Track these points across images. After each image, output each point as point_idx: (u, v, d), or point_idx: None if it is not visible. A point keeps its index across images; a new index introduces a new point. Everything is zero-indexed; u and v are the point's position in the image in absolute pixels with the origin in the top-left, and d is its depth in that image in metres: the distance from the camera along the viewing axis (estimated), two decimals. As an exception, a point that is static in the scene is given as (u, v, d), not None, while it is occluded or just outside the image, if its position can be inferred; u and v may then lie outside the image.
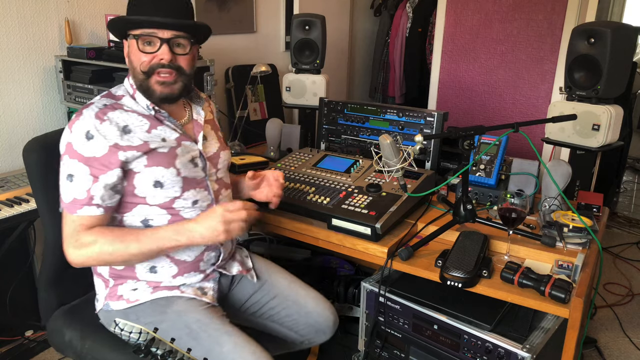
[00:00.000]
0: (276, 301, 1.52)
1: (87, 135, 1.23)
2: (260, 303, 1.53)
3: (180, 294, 1.37)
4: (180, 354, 1.32)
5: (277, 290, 1.53)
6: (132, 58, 1.30)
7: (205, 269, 1.42)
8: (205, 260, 1.41)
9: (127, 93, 1.34)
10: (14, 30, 2.19)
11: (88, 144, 1.23)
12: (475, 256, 1.38)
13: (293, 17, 2.62)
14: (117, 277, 1.37)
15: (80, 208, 1.23)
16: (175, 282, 1.37)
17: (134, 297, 1.35)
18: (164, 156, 1.30)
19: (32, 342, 2.20)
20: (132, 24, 1.28)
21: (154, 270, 1.35)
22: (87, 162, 1.23)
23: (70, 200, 1.23)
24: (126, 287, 1.36)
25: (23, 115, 2.29)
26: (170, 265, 1.36)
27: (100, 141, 1.23)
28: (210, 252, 1.41)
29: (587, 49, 1.90)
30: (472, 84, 3.45)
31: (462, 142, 1.48)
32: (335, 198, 1.62)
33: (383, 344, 1.63)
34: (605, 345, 2.31)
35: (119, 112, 1.28)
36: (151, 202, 1.31)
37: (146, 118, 1.32)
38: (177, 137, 1.34)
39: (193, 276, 1.39)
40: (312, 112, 2.67)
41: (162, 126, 1.33)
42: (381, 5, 4.56)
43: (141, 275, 1.36)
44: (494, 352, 1.36)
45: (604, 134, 1.90)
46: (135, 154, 1.26)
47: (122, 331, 1.35)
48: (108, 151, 1.23)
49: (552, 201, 1.64)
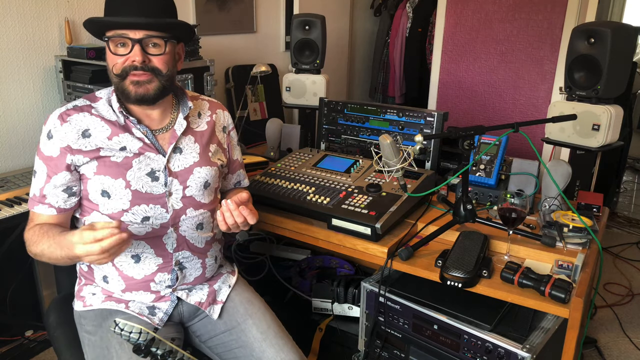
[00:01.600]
0: (240, 352, 1.38)
1: (49, 134, 1.25)
2: (225, 346, 1.40)
3: (125, 309, 1.33)
4: (180, 354, 1.32)
5: (245, 341, 1.37)
6: (107, 60, 1.25)
7: (159, 290, 1.35)
8: (157, 282, 1.34)
9: (107, 96, 1.32)
10: (14, 30, 2.19)
11: (48, 143, 1.25)
12: (475, 256, 1.38)
13: (293, 17, 2.62)
14: (83, 277, 1.39)
15: (36, 205, 1.28)
16: (125, 297, 1.35)
17: (89, 301, 1.35)
18: (115, 166, 1.25)
19: (32, 342, 2.20)
20: (104, 26, 1.22)
21: (105, 279, 1.35)
22: (45, 160, 1.26)
23: (31, 195, 1.29)
24: (88, 290, 1.37)
25: (23, 115, 2.29)
26: (119, 279, 1.33)
27: (55, 142, 1.24)
28: (163, 273, 1.33)
29: (587, 49, 1.90)
30: (472, 84, 3.45)
31: (462, 142, 1.48)
32: (335, 198, 1.62)
33: (383, 344, 1.63)
34: (605, 345, 2.31)
35: (84, 114, 1.27)
36: (102, 210, 1.28)
37: (110, 124, 1.27)
38: (140, 146, 1.28)
39: (143, 294, 1.34)
40: (312, 112, 2.67)
41: (126, 134, 1.27)
42: (381, 5, 4.56)
43: (98, 281, 1.36)
44: (494, 352, 1.36)
45: (604, 134, 1.90)
46: (82, 159, 1.25)
47: (122, 331, 1.35)
48: (60, 153, 1.24)
49: (552, 201, 1.64)
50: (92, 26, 1.25)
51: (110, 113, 1.29)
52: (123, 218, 1.28)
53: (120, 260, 1.31)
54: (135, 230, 1.29)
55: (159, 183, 1.29)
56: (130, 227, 1.28)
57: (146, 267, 1.32)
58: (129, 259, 1.31)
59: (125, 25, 1.20)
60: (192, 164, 1.35)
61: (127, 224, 1.29)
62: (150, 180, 1.28)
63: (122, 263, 1.31)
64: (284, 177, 1.77)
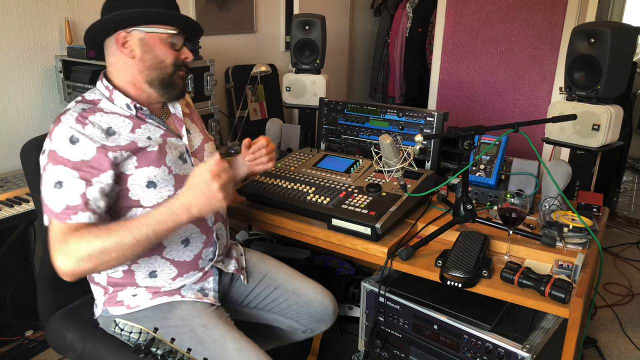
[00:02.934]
0: (277, 293, 1.54)
1: (72, 139, 1.16)
2: (261, 296, 1.55)
3: (181, 298, 1.36)
4: (180, 354, 1.32)
5: (277, 282, 1.55)
6: (158, 51, 1.26)
7: (204, 267, 1.42)
8: (203, 258, 1.40)
9: (103, 96, 1.29)
10: (14, 30, 2.19)
11: (74, 147, 1.16)
12: (475, 256, 1.38)
13: (293, 17, 2.62)
14: (116, 285, 1.35)
15: (74, 214, 1.14)
16: (175, 285, 1.36)
17: (134, 302, 1.34)
18: (155, 155, 1.27)
19: (32, 342, 2.20)
20: (165, 18, 1.26)
21: (153, 275, 1.34)
22: (75, 166, 1.15)
23: (63, 207, 1.14)
24: (126, 293, 1.35)
25: (23, 115, 2.29)
26: (170, 268, 1.35)
27: (86, 143, 1.17)
28: (208, 248, 1.41)
29: (587, 49, 1.90)
30: (472, 84, 3.45)
31: (462, 142, 1.48)
32: (335, 198, 1.62)
33: (383, 344, 1.63)
34: (605, 345, 2.31)
35: (100, 114, 1.23)
36: (145, 204, 1.27)
37: (128, 118, 1.27)
38: (162, 133, 1.32)
39: (192, 275, 1.39)
40: (312, 112, 2.67)
41: (145, 124, 1.29)
42: (381, 5, 4.56)
43: (140, 281, 1.34)
44: (494, 352, 1.36)
45: (604, 134, 1.90)
46: (124, 154, 1.21)
47: (122, 331, 1.35)
48: (97, 153, 1.17)
49: (552, 201, 1.64)
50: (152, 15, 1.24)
51: (119, 109, 1.28)
52: None
53: (171, 250, 1.33)
54: None
55: (188, 164, 1.36)
56: None
57: (194, 247, 1.37)
58: (179, 245, 1.34)
59: (187, 25, 1.30)
60: (201, 141, 1.45)
61: None
62: (182, 163, 1.34)
63: (173, 252, 1.34)
64: (284, 177, 1.77)
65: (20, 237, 2.04)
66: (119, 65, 1.28)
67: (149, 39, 1.25)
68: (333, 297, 1.60)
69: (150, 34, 1.25)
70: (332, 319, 1.59)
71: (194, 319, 1.32)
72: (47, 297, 1.49)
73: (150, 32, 1.25)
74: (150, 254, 1.31)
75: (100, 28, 1.25)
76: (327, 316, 1.57)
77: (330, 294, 1.59)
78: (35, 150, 1.37)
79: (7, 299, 2.10)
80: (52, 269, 1.43)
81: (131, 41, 1.25)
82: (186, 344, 1.27)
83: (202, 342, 1.28)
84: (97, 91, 1.31)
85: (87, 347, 1.38)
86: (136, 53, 1.25)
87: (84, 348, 1.38)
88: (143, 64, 1.26)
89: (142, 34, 1.25)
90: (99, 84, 1.31)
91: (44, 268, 1.46)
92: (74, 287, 1.52)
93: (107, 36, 1.27)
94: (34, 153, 1.36)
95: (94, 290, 1.41)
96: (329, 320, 1.58)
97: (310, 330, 1.59)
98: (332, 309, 1.57)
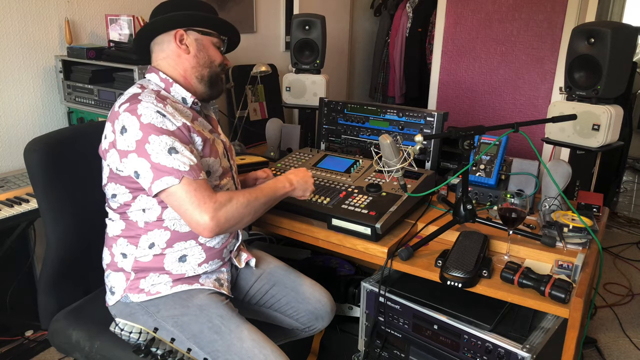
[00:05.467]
0: (276, 289, 1.58)
1: (160, 114, 1.25)
2: (261, 292, 1.57)
3: (201, 287, 1.40)
4: (180, 354, 1.32)
5: (275, 278, 1.59)
6: (210, 52, 1.42)
7: (225, 257, 1.48)
8: (227, 248, 1.47)
9: (160, 88, 1.37)
10: (14, 30, 2.19)
11: (166, 120, 1.25)
12: (475, 256, 1.38)
13: (293, 17, 2.62)
14: (141, 271, 1.37)
15: (201, 172, 1.25)
16: (199, 270, 1.40)
17: (154, 290, 1.37)
18: (214, 146, 1.38)
19: (32, 342, 2.20)
20: (224, 26, 1.44)
21: (183, 259, 1.38)
22: (175, 134, 1.24)
23: (189, 167, 1.22)
24: (148, 281, 1.38)
25: (23, 115, 2.29)
26: (201, 253, 1.40)
27: (172, 119, 1.26)
28: (232, 239, 1.48)
29: (587, 49, 1.90)
30: (472, 84, 3.45)
31: (462, 142, 1.48)
32: (335, 198, 1.62)
33: (383, 344, 1.63)
34: (605, 345, 2.31)
35: (169, 100, 1.33)
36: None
37: (188, 110, 1.38)
38: (210, 129, 1.43)
39: (215, 264, 1.44)
40: (312, 112, 2.67)
41: (199, 119, 1.40)
42: (381, 5, 4.57)
43: (168, 265, 1.37)
44: (494, 352, 1.36)
45: (604, 134, 1.90)
46: (197, 139, 1.31)
47: (122, 331, 1.35)
48: (182, 126, 1.27)
49: (552, 201, 1.64)
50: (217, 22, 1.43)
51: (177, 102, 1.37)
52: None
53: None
54: None
55: (226, 159, 1.46)
56: None
57: (225, 236, 1.44)
58: None
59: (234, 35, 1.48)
60: (229, 142, 1.55)
61: None
62: (224, 157, 1.44)
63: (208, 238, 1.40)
64: (284, 177, 1.77)
65: (20, 237, 2.04)
66: (171, 60, 1.39)
67: (204, 40, 1.41)
68: (330, 295, 1.62)
69: (205, 36, 1.41)
70: (330, 316, 1.61)
71: (212, 309, 1.35)
72: (48, 299, 1.48)
73: (205, 35, 1.41)
74: (187, 238, 1.37)
75: (166, 24, 1.37)
76: (324, 313, 1.59)
77: (327, 292, 1.62)
78: (38, 150, 1.37)
79: (7, 299, 2.10)
80: (54, 269, 1.45)
81: (188, 39, 1.39)
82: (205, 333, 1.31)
83: (220, 331, 1.31)
84: (152, 82, 1.38)
85: (95, 345, 1.38)
86: (191, 50, 1.39)
87: (91, 346, 1.38)
88: (197, 60, 1.40)
89: (197, 35, 1.40)
90: (154, 76, 1.39)
91: (45, 268, 1.46)
92: (75, 287, 1.54)
93: (164, 32, 1.38)
94: (38, 153, 1.37)
95: (112, 278, 1.41)
96: (327, 318, 1.60)
97: (309, 328, 1.61)
98: (329, 306, 1.60)
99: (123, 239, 1.38)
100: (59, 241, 1.43)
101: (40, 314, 1.50)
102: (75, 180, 1.46)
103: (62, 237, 1.44)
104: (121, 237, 1.38)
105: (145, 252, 1.36)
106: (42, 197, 1.40)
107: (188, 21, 1.38)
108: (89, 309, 1.48)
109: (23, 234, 2.07)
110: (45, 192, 1.40)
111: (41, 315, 1.50)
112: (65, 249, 1.45)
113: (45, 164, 1.38)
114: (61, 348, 1.46)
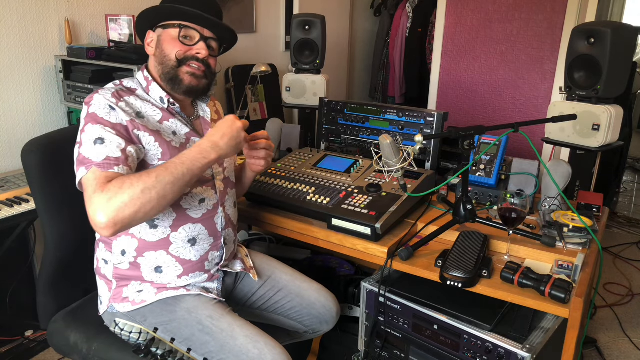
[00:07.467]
0: (280, 295, 1.56)
1: (110, 107, 1.22)
2: (264, 298, 1.56)
3: (187, 292, 1.37)
4: (180, 354, 1.32)
5: (281, 284, 1.57)
6: (165, 46, 1.32)
7: (210, 269, 1.43)
8: (209, 260, 1.41)
9: (140, 86, 1.35)
10: (14, 30, 2.19)
11: (112, 113, 1.21)
12: (475, 256, 1.38)
13: (293, 17, 2.62)
14: (121, 279, 1.36)
15: (116, 165, 1.15)
16: (181, 283, 1.37)
17: (139, 298, 1.35)
18: (175, 150, 1.29)
19: (32, 342, 2.20)
20: (181, 14, 1.30)
21: (159, 270, 1.35)
22: (113, 127, 1.19)
23: (103, 158, 1.14)
24: (131, 289, 1.35)
25: (23, 115, 2.29)
26: (176, 265, 1.35)
27: (120, 114, 1.22)
28: (214, 252, 1.42)
29: (587, 49, 1.90)
30: (472, 83, 3.45)
31: (462, 142, 1.48)
32: (335, 198, 1.62)
33: (383, 344, 1.63)
34: (605, 345, 2.31)
35: (134, 98, 1.30)
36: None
37: (159, 109, 1.33)
38: (187, 132, 1.35)
39: (198, 276, 1.40)
40: (312, 112, 2.67)
41: (173, 119, 1.34)
42: (381, 5, 4.57)
43: (146, 275, 1.35)
44: (494, 352, 1.36)
45: (604, 134, 1.90)
46: (145, 135, 1.25)
47: (122, 331, 1.35)
48: (126, 125, 1.22)
49: (552, 201, 1.64)
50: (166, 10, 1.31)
51: (152, 100, 1.34)
52: (183, 202, 1.33)
53: (177, 247, 1.34)
54: (194, 213, 1.35)
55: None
56: (189, 211, 1.34)
57: (201, 247, 1.38)
58: (186, 243, 1.35)
59: (204, 22, 1.31)
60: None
61: (186, 208, 1.34)
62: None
63: (179, 249, 1.35)
64: (284, 177, 1.77)
65: (20, 237, 2.04)
66: (150, 60, 1.38)
67: (163, 35, 1.33)
68: (336, 299, 1.61)
69: (165, 31, 1.33)
70: (335, 320, 1.60)
71: (200, 311, 1.33)
72: (47, 300, 1.48)
73: (166, 30, 1.33)
74: (156, 249, 1.32)
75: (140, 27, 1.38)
76: (330, 318, 1.58)
77: (333, 295, 1.60)
78: (36, 150, 1.37)
79: (7, 299, 2.10)
80: (53, 269, 1.45)
81: (151, 37, 1.36)
82: (196, 336, 1.29)
83: (211, 332, 1.30)
84: (136, 80, 1.37)
85: (92, 347, 1.38)
86: (152, 49, 1.36)
87: (89, 348, 1.38)
88: (156, 59, 1.35)
89: (160, 31, 1.34)
90: (140, 74, 1.38)
91: (44, 269, 1.46)
92: (74, 288, 1.53)
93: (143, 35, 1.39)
94: (35, 154, 1.37)
95: (98, 285, 1.41)
96: (332, 322, 1.59)
97: (312, 331, 1.60)
98: (335, 310, 1.58)
99: (102, 243, 1.38)
100: (57, 242, 1.43)
101: (40, 314, 1.50)
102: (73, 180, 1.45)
103: (60, 238, 1.44)
104: (100, 242, 1.38)
105: (121, 259, 1.34)
106: (40, 198, 1.40)
107: (150, 19, 1.35)
108: (87, 310, 1.48)
109: (23, 234, 2.07)
110: (43, 193, 1.40)
111: (40, 315, 1.50)
112: (63, 249, 1.45)
113: (42, 165, 1.38)
114: (60, 349, 1.46)
